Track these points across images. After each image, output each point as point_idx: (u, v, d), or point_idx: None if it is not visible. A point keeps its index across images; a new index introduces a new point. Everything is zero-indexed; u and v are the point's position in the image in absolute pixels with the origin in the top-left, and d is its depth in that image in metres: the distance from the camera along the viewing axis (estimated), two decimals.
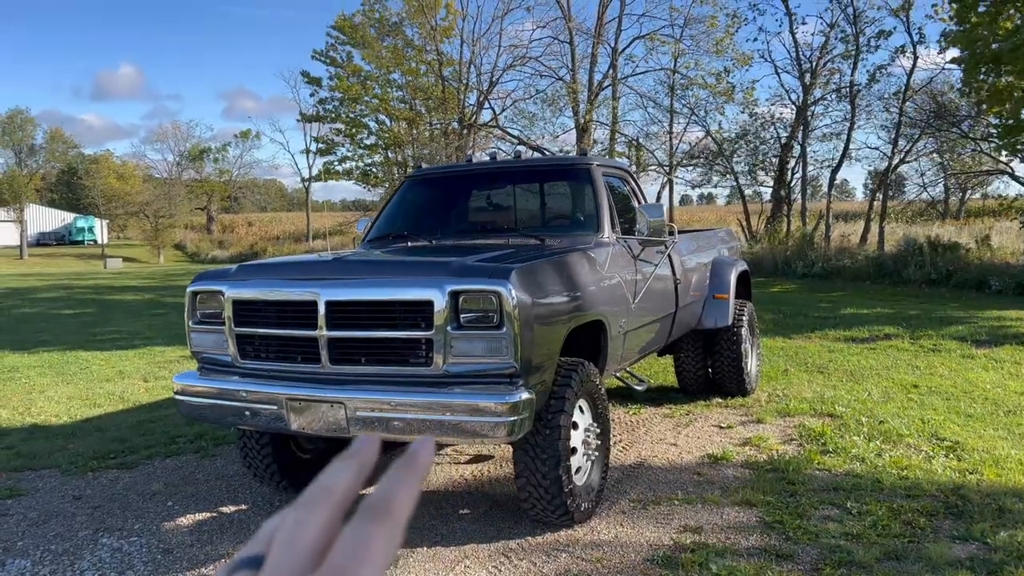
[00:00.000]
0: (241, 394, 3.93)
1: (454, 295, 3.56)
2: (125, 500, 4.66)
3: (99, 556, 3.88)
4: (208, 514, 4.42)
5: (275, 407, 3.82)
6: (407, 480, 0.41)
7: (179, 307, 4.37)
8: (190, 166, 54.71)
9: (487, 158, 6.45)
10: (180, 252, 46.35)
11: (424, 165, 6.15)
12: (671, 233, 5.32)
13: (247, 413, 3.92)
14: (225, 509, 4.50)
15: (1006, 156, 18.23)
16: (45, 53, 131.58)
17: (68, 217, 55.87)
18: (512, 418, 3.43)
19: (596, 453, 4.20)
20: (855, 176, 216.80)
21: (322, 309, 3.73)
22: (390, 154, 33.87)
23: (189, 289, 4.23)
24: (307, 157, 44.20)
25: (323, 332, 3.75)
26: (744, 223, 24.37)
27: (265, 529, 0.42)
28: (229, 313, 4.02)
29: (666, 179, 26.83)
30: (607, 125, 27.12)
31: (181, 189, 49.45)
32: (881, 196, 21.70)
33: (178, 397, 4.18)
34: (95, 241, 49.97)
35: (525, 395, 3.49)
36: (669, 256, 5.51)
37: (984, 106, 17.15)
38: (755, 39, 27.99)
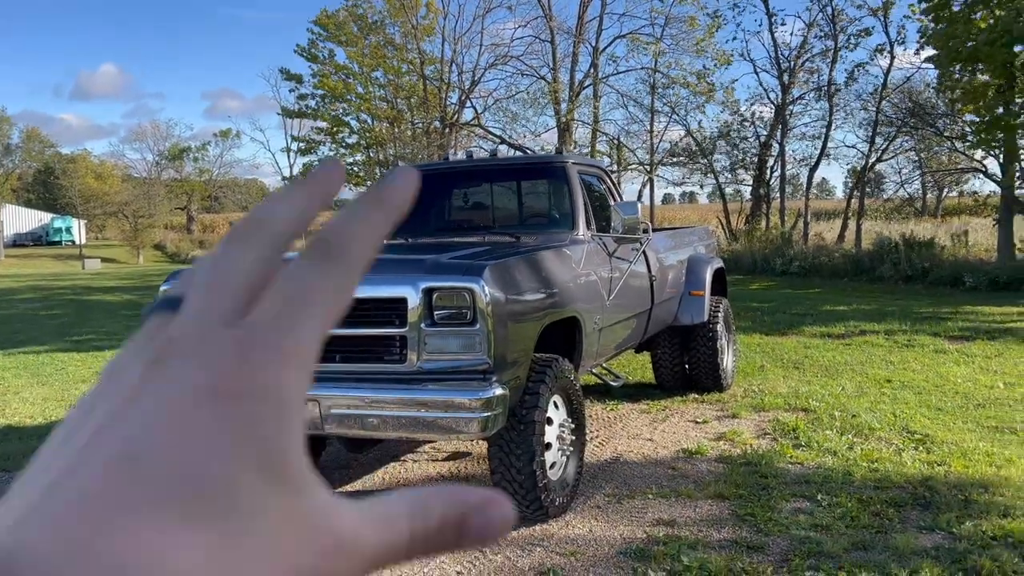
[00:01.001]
0: None
1: (428, 292, 3.59)
2: None
3: None
4: None
5: None
6: (371, 213, 0.31)
7: None
8: (170, 166, 54.33)
9: (464, 157, 6.47)
10: (160, 252, 45.97)
11: (402, 164, 6.16)
12: (645, 231, 5.37)
13: None
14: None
15: (980, 154, 18.48)
16: (25, 53, 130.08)
17: (45, 217, 55.23)
18: (485, 414, 3.46)
19: (571, 448, 4.24)
20: (835, 175, 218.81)
21: None
22: (372, 153, 33.79)
23: (162, 288, 4.23)
24: (288, 156, 43.98)
25: None
26: (724, 221, 24.55)
27: (191, 268, 0.32)
28: None
29: (647, 178, 26.96)
30: (588, 124, 27.24)
31: (161, 189, 49.09)
32: (859, 194, 21.94)
33: None
34: (73, 242, 49.45)
35: (498, 391, 3.53)
36: (644, 253, 5.56)
37: (959, 105, 17.39)
38: (735, 38, 28.25)
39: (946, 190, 36.81)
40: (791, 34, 45.41)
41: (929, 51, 17.09)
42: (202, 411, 0.26)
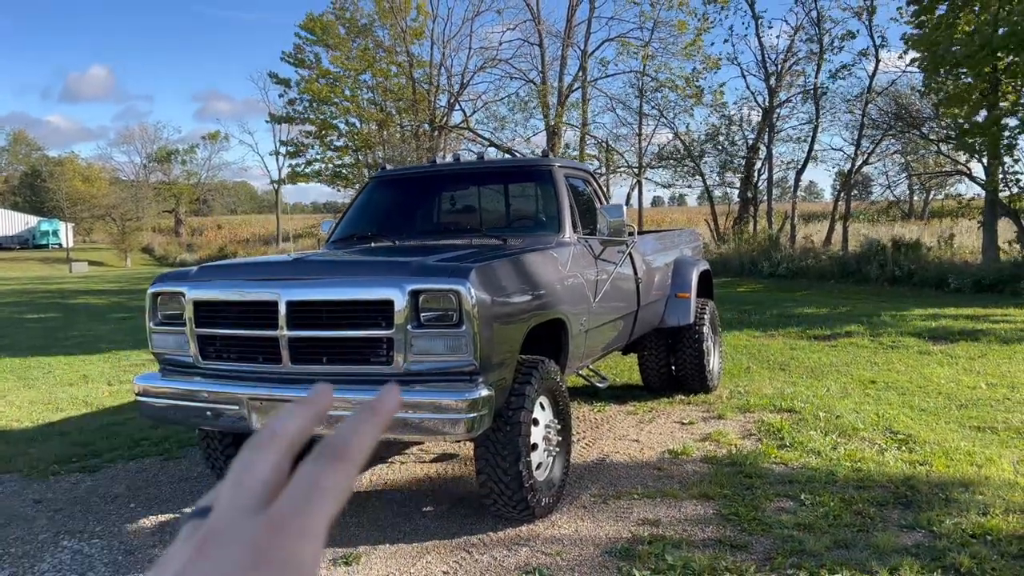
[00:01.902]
0: (203, 395, 3.94)
1: (414, 294, 3.62)
2: (87, 503, 4.65)
3: (60, 558, 3.87)
4: (171, 516, 4.42)
5: (237, 407, 3.84)
6: (366, 423, 0.41)
7: (145, 309, 4.37)
8: (157, 168, 54.05)
9: (452, 160, 6.51)
10: (148, 255, 45.73)
11: (389, 166, 6.19)
12: (631, 233, 5.41)
13: (209, 414, 3.93)
14: (188, 510, 4.49)
15: (964, 157, 18.64)
16: (12, 54, 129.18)
17: (32, 220, 54.85)
18: (471, 415, 3.49)
19: (557, 449, 4.27)
20: (823, 178, 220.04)
21: (283, 309, 3.76)
22: (360, 156, 33.74)
23: (150, 291, 4.24)
24: (276, 159, 43.86)
25: (284, 332, 3.78)
26: (712, 224, 24.65)
27: (217, 486, 0.41)
28: (190, 314, 4.03)
29: (636, 180, 27.05)
30: (577, 127, 27.30)
31: (148, 191, 48.82)
32: (845, 197, 22.08)
33: (139, 398, 4.18)
34: (60, 245, 49.13)
35: (484, 392, 3.55)
36: (630, 256, 5.60)
37: (943, 108, 17.54)
38: (725, 40, 28.25)
39: (932, 193, 37.05)
40: (777, 37, 45.70)
41: (913, 55, 17.22)
42: None
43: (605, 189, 6.22)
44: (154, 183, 52.53)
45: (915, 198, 35.78)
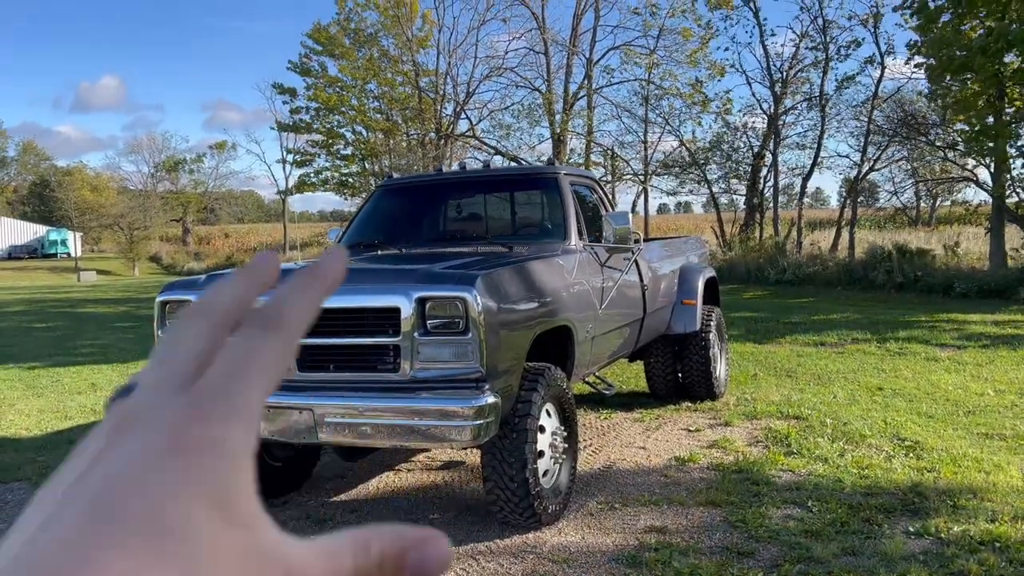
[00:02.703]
0: None
1: (421, 302, 3.63)
2: None
3: None
4: None
5: None
6: (307, 289, 0.35)
7: (153, 318, 4.40)
8: (165, 177, 54.38)
9: (458, 168, 6.54)
10: (156, 264, 45.96)
11: (395, 175, 6.23)
12: (636, 241, 5.42)
13: None
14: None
15: (972, 163, 18.61)
16: (24, 65, 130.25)
17: (41, 230, 55.19)
18: (478, 422, 3.50)
19: (563, 456, 4.28)
20: (829, 184, 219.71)
21: None
22: (367, 164, 33.87)
23: (158, 299, 4.26)
24: (283, 168, 44.07)
25: None
26: (718, 231, 24.64)
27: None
28: None
29: (641, 188, 27.07)
30: (583, 135, 27.35)
31: (156, 201, 49.10)
32: (852, 203, 22.05)
33: None
34: (68, 254, 49.40)
35: (491, 399, 3.57)
36: (636, 263, 5.61)
37: (949, 114, 17.53)
38: (726, 48, 28.31)
39: (939, 199, 36.99)
40: (782, 45, 45.74)
41: (919, 59, 17.22)
42: (160, 463, 0.29)
43: (611, 196, 6.24)
44: (162, 192, 52.84)
45: (922, 204, 35.71)
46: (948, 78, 16.14)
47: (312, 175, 35.50)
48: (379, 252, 5.24)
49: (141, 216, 45.25)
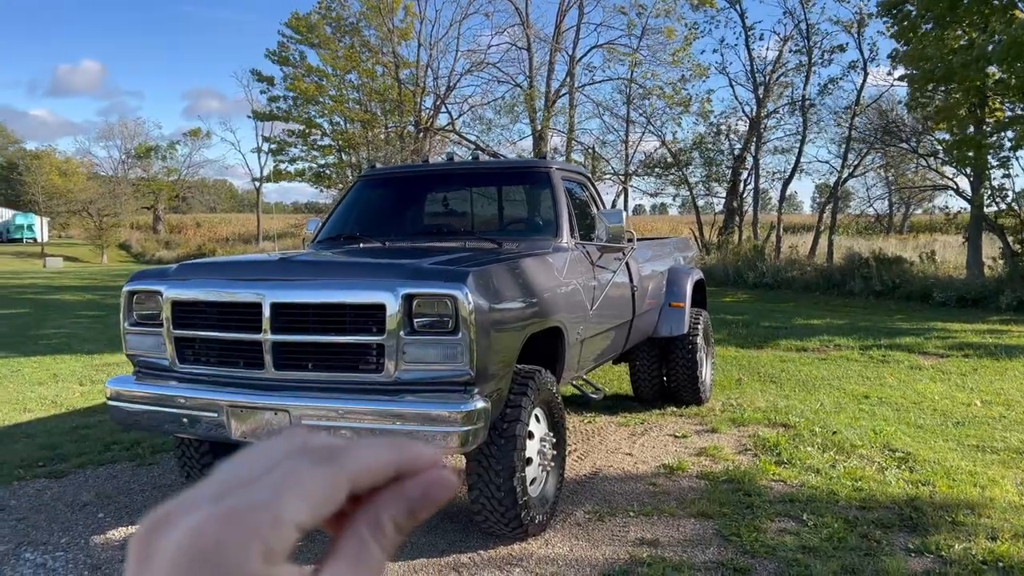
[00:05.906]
0: (179, 400, 3.72)
1: (408, 298, 3.41)
2: (52, 511, 4.39)
3: (21, 572, 3.62)
4: None
5: (215, 414, 3.62)
6: (384, 452, 0.38)
7: (119, 308, 4.14)
8: (137, 164, 53.29)
9: (445, 160, 6.32)
10: (125, 252, 45.01)
11: (378, 164, 5.98)
12: (630, 240, 5.24)
13: (185, 420, 3.71)
14: None
15: (952, 172, 18.71)
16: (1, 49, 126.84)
17: (7, 214, 53.96)
18: (466, 428, 3.29)
19: (552, 464, 4.08)
20: (802, 189, 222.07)
21: (267, 311, 3.55)
22: (344, 156, 33.39)
23: (125, 288, 4.00)
24: (259, 157, 43.39)
25: (268, 336, 3.56)
26: (697, 233, 24.59)
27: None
28: (168, 314, 3.80)
29: (621, 188, 26.96)
30: (564, 133, 27.18)
31: (127, 188, 48.08)
32: (832, 209, 22.11)
33: (111, 403, 3.94)
34: (35, 239, 48.29)
35: (480, 404, 3.36)
36: (627, 263, 5.43)
37: (930, 123, 17.59)
38: (715, 51, 28.26)
39: (912, 207, 37.34)
40: (767, 48, 45.96)
41: (902, 70, 17.26)
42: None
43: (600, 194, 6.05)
44: (133, 179, 51.78)
45: (894, 212, 35.99)
46: (931, 87, 16.18)
47: (288, 164, 34.88)
48: (360, 245, 5.00)
49: (111, 203, 44.22)
